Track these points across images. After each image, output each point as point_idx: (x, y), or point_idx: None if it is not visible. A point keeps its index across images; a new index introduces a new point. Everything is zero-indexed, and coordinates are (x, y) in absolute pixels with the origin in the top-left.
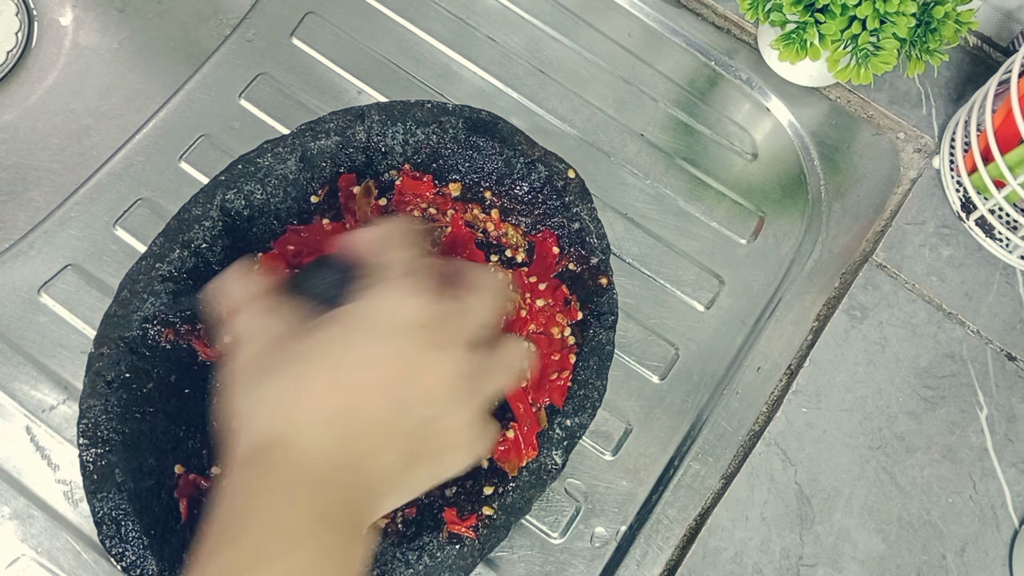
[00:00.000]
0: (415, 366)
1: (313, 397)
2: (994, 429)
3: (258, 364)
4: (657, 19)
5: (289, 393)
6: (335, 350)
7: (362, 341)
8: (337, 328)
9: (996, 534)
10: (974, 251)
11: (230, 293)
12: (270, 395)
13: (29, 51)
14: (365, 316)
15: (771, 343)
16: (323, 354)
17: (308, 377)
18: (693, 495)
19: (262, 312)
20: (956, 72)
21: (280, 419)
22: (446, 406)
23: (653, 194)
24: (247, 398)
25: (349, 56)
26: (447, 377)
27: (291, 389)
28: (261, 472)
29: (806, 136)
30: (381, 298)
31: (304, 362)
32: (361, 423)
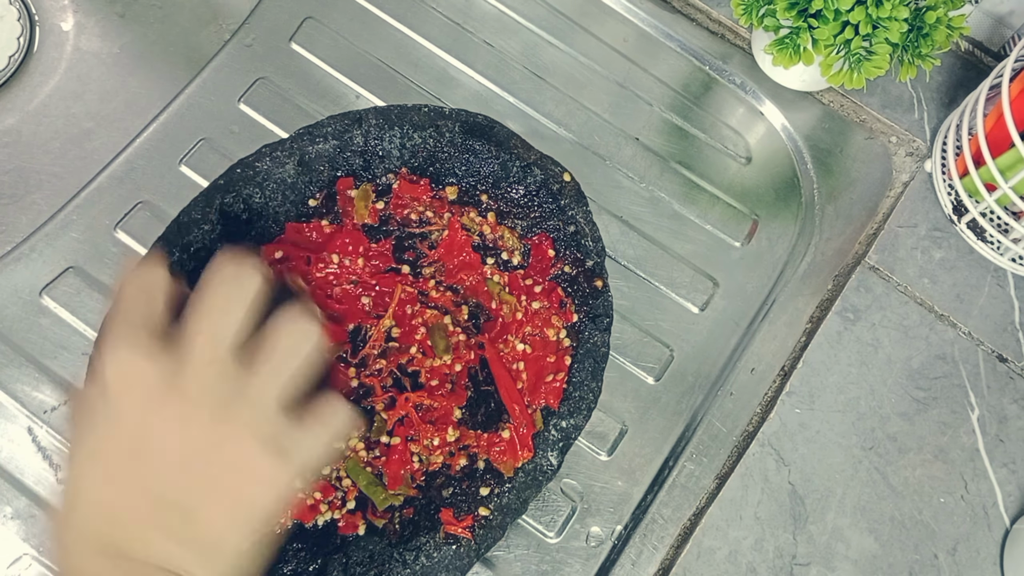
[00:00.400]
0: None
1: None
2: (985, 430)
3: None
4: (652, 24)
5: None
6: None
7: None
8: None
9: (987, 533)
10: (965, 254)
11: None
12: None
13: (31, 56)
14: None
15: (765, 345)
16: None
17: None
18: (688, 495)
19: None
20: (948, 76)
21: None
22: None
23: (648, 197)
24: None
25: (347, 61)
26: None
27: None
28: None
29: (799, 140)
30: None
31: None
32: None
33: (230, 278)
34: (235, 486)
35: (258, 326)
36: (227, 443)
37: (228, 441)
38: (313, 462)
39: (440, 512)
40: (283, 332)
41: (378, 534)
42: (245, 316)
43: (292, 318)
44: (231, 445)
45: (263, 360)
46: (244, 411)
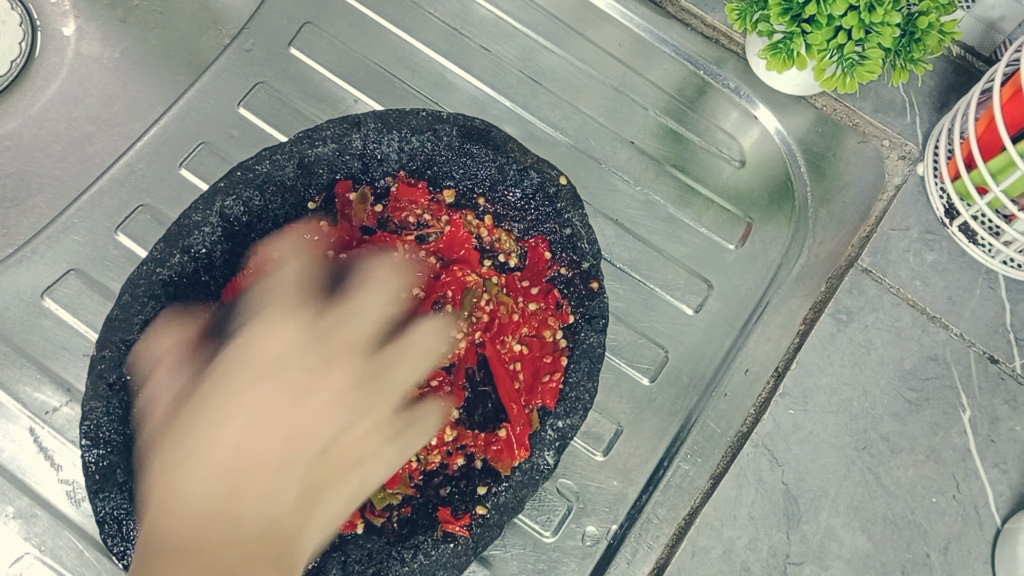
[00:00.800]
0: (299, 393)
1: (193, 461)
2: (977, 430)
3: (157, 430)
4: (647, 29)
5: (173, 461)
6: (210, 406)
7: (240, 383)
8: (216, 375)
9: (979, 533)
10: (957, 256)
11: (145, 355)
12: (159, 465)
13: (33, 60)
14: (240, 355)
15: (759, 346)
16: (199, 412)
17: (186, 440)
18: (682, 495)
19: (169, 370)
20: (940, 81)
21: (167, 492)
22: (343, 421)
23: (643, 200)
24: (148, 469)
25: (346, 65)
26: (336, 392)
27: (174, 456)
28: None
29: (793, 144)
30: (254, 331)
31: (182, 423)
32: (257, 464)
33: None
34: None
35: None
36: (367, 434)
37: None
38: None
39: (438, 511)
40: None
41: (376, 533)
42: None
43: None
44: (371, 436)
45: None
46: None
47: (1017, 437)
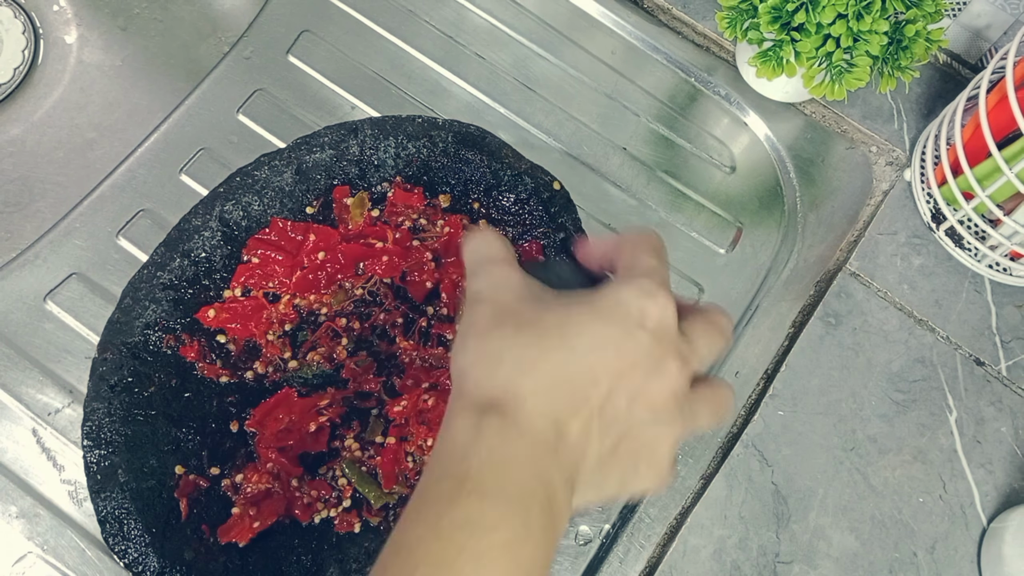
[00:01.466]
0: (648, 367)
1: (544, 365)
2: (963, 431)
3: (496, 322)
4: (639, 37)
5: (522, 355)
6: (573, 326)
7: (601, 325)
8: (578, 308)
9: (965, 532)
10: (944, 260)
11: (477, 251)
12: (505, 352)
13: (35, 68)
14: (608, 303)
15: (749, 349)
16: (561, 327)
17: (542, 345)
18: (674, 495)
19: (504, 276)
20: (926, 88)
21: (512, 378)
22: (663, 417)
23: (635, 205)
24: (481, 349)
25: (343, 73)
26: (670, 389)
27: (525, 351)
28: (486, 424)
29: (782, 150)
30: (628, 290)
31: (540, 329)
32: (585, 405)
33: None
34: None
35: None
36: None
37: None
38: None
39: None
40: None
41: (373, 532)
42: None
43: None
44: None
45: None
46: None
47: (1002, 438)
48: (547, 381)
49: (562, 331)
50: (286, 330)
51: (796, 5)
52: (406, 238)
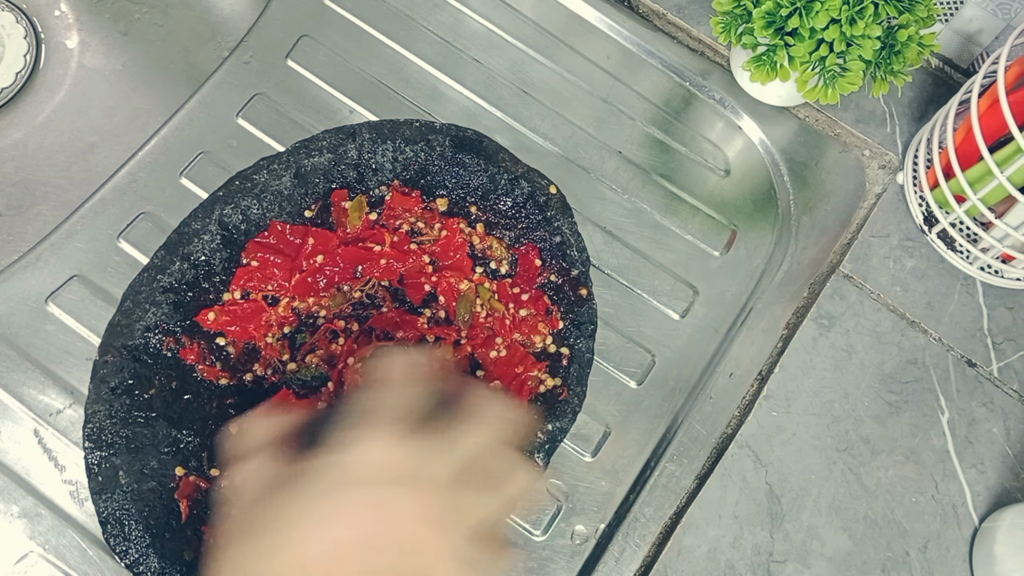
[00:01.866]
0: (387, 513)
1: (281, 560)
2: (955, 432)
3: (241, 522)
4: (634, 42)
5: (259, 558)
6: (305, 507)
7: (331, 495)
8: (310, 483)
9: (957, 532)
10: (936, 263)
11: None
12: (243, 560)
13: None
14: (336, 468)
15: (743, 350)
16: (292, 512)
17: (278, 538)
18: (669, 495)
19: (261, 463)
20: (919, 92)
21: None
22: (422, 545)
23: (631, 208)
24: (224, 558)
25: (341, 77)
26: (421, 516)
27: (262, 553)
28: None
29: (776, 153)
30: (356, 448)
31: (275, 522)
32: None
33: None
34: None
35: None
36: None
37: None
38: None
39: None
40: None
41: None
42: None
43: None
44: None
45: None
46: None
47: (994, 438)
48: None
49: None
50: (285, 332)
51: (790, 10)
52: (404, 241)
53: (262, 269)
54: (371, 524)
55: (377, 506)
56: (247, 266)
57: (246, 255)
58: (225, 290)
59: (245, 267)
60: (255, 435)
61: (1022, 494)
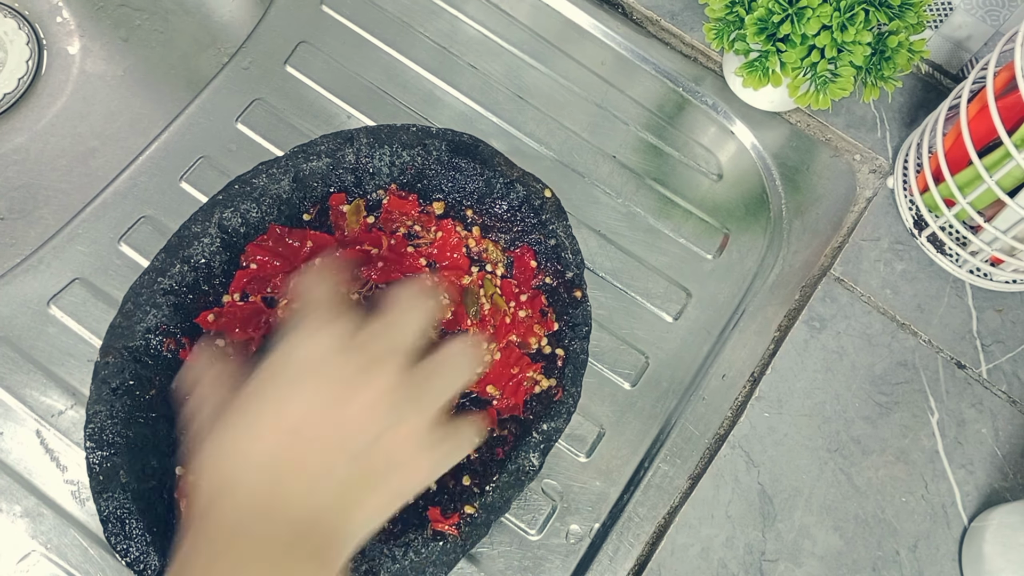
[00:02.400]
0: (338, 395)
1: (249, 441)
2: (945, 433)
3: (206, 425)
4: (628, 48)
5: (220, 453)
6: (256, 402)
7: (283, 383)
8: (258, 380)
9: (946, 531)
10: (926, 266)
11: (187, 375)
12: (214, 448)
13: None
14: (282, 360)
15: (735, 352)
16: (246, 408)
17: (242, 425)
18: (662, 495)
19: (212, 381)
20: (909, 98)
21: (225, 468)
22: (386, 422)
23: (624, 212)
24: (199, 457)
25: (339, 83)
26: (379, 394)
27: (230, 438)
28: (214, 523)
29: (768, 158)
30: (294, 340)
31: (238, 412)
32: (300, 457)
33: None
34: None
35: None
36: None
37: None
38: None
39: (428, 510)
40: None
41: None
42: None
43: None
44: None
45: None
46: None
47: (983, 439)
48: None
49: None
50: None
51: (781, 17)
52: (401, 244)
53: (261, 272)
54: (331, 403)
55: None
56: (246, 268)
57: (245, 258)
58: (224, 292)
59: (244, 269)
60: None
61: (1011, 494)
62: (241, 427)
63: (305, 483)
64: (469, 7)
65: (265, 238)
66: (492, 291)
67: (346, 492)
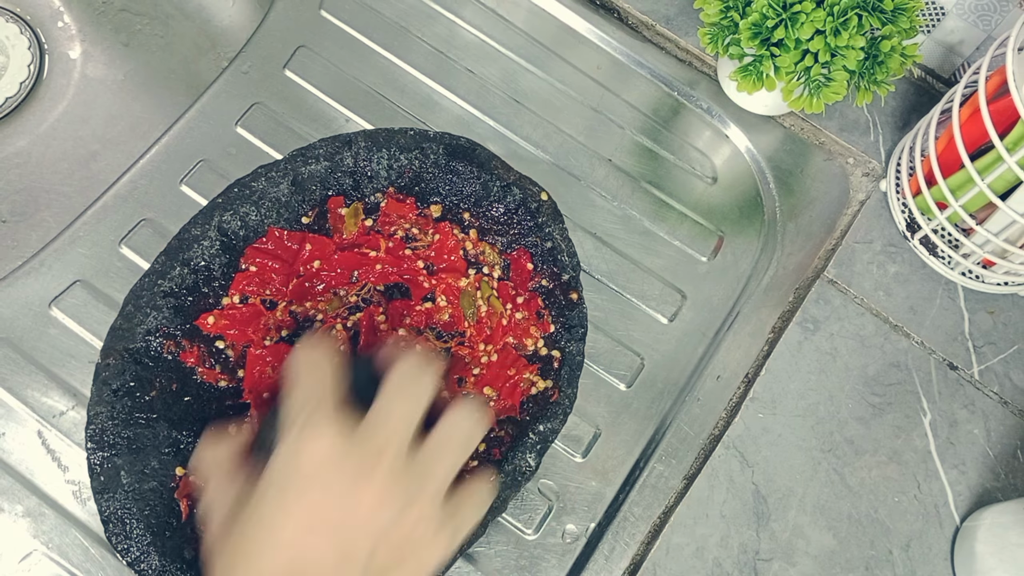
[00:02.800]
0: (345, 496)
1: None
2: (937, 433)
3: (216, 539)
4: (624, 52)
5: (235, 567)
6: (267, 510)
7: (287, 492)
8: (265, 486)
9: (939, 531)
10: (918, 268)
11: (199, 467)
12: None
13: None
14: (285, 466)
15: (730, 353)
16: (258, 517)
17: (248, 544)
18: (657, 494)
19: (221, 480)
20: (901, 102)
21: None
22: (389, 518)
23: (620, 215)
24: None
25: (338, 87)
26: (384, 487)
27: (237, 562)
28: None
29: (762, 161)
30: (296, 444)
31: (244, 530)
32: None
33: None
34: (417, 560)
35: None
36: (416, 524)
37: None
38: (461, 540)
39: None
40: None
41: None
42: (421, 413)
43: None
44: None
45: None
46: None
47: (975, 440)
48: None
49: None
50: (282, 336)
51: (775, 21)
52: (399, 247)
53: (260, 274)
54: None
55: (339, 497)
56: (246, 271)
57: (245, 260)
58: (224, 294)
59: (244, 272)
60: (209, 458)
61: (1002, 494)
62: (249, 543)
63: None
64: (466, 12)
65: (264, 241)
66: (489, 293)
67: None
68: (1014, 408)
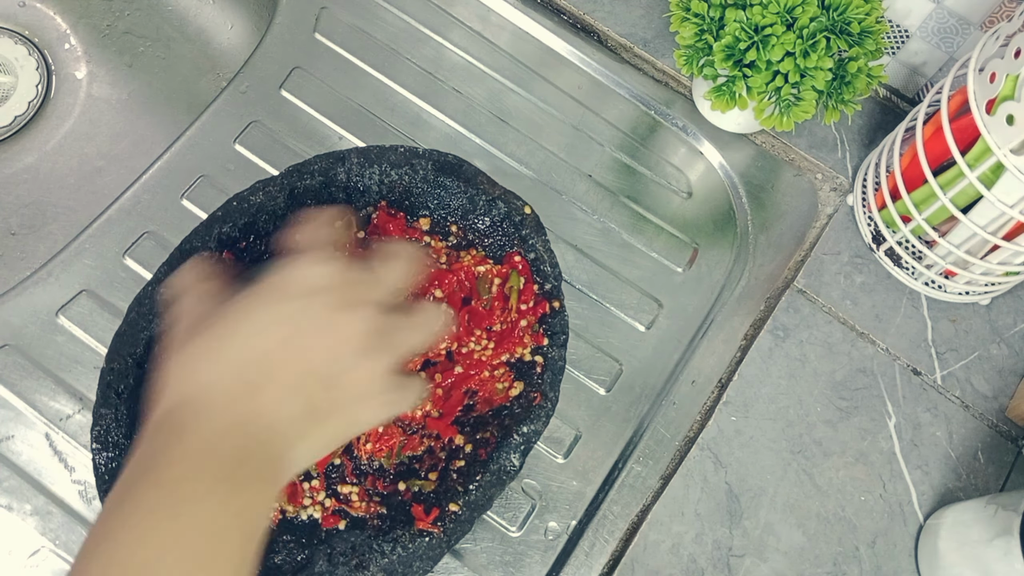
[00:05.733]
0: (319, 325)
1: (219, 357)
2: (901, 436)
3: (181, 337)
4: (603, 73)
5: (198, 356)
6: (243, 315)
7: (268, 304)
8: (249, 297)
9: (903, 528)
10: (884, 278)
11: (175, 283)
12: (183, 361)
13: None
14: (274, 283)
15: (704, 359)
16: (232, 319)
17: (216, 340)
18: (635, 494)
19: (197, 296)
20: (868, 120)
21: (189, 381)
22: (352, 361)
23: (600, 228)
24: (167, 367)
25: (331, 106)
26: (352, 334)
27: (200, 352)
28: (168, 433)
29: (735, 176)
30: (289, 267)
31: (214, 328)
32: (264, 378)
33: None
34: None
35: None
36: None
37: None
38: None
39: (412, 508)
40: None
41: (359, 527)
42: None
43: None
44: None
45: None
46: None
47: (938, 442)
48: (224, 372)
49: (231, 324)
50: None
51: (748, 44)
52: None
53: None
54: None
55: (311, 318)
56: None
57: None
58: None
59: None
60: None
61: (964, 493)
62: (215, 341)
63: (273, 398)
64: (454, 35)
65: None
66: (518, 283)
67: (308, 415)
68: (975, 412)
